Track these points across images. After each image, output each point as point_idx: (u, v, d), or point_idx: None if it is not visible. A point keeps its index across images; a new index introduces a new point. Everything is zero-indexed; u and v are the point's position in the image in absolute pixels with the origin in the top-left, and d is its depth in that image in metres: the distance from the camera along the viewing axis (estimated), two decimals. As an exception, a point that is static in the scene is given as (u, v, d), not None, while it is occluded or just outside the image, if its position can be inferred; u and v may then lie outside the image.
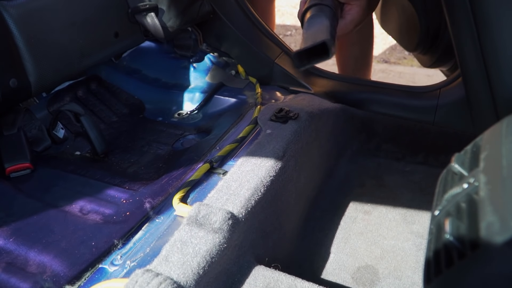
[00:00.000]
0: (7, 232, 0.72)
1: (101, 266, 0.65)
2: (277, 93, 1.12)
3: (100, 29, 1.09)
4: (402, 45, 1.24)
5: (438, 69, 1.23)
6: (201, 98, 1.19)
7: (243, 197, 0.68)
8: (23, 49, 0.91)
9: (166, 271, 0.55)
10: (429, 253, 0.38)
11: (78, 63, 1.05)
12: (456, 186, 0.40)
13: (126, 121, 1.18)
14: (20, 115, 0.95)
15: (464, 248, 0.34)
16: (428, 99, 0.96)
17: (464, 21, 0.65)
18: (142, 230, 0.71)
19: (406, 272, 0.76)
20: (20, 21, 0.90)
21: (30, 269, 0.66)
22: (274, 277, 0.62)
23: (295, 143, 0.83)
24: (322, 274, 0.77)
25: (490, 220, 0.32)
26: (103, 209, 0.78)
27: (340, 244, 0.83)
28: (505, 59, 0.63)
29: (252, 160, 0.76)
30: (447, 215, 0.38)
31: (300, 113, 0.90)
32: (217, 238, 0.60)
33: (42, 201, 0.80)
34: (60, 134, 1.02)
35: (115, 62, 1.30)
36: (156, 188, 0.81)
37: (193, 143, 1.03)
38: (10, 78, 0.89)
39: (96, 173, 0.89)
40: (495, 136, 0.41)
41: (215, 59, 1.25)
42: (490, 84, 0.67)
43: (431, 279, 0.37)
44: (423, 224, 0.85)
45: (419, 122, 0.98)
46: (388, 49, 2.63)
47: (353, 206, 0.92)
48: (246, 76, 1.21)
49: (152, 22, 1.15)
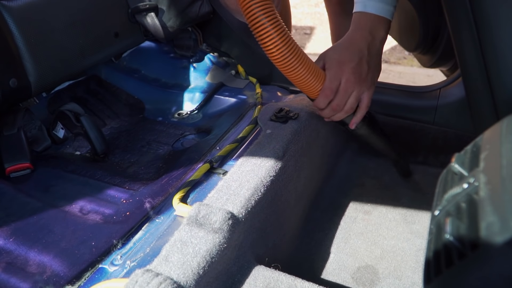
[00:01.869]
0: (7, 232, 0.72)
1: (101, 266, 0.65)
2: (277, 93, 1.12)
3: (100, 29, 1.09)
4: (402, 45, 1.24)
5: (438, 69, 1.23)
6: (201, 98, 1.19)
7: (243, 197, 0.68)
8: (23, 49, 0.91)
9: (166, 271, 0.55)
10: (429, 253, 0.38)
11: (78, 63, 1.05)
12: (456, 186, 0.40)
13: (126, 121, 1.18)
14: (20, 115, 0.95)
15: (464, 248, 0.34)
16: (428, 99, 0.96)
17: (464, 21, 0.65)
18: (142, 230, 0.71)
19: (406, 272, 0.76)
20: (20, 21, 0.90)
21: (30, 269, 0.66)
22: (274, 277, 0.62)
23: (295, 143, 0.83)
24: (322, 274, 0.77)
25: (490, 220, 0.32)
26: (103, 209, 0.78)
27: (340, 244, 0.83)
28: (505, 59, 0.63)
29: (252, 160, 0.76)
30: (447, 215, 0.38)
31: (300, 113, 0.90)
32: (217, 238, 0.60)
33: (42, 201, 0.80)
34: (60, 134, 1.02)
35: (115, 62, 1.31)
36: (156, 188, 0.81)
37: (193, 143, 1.03)
38: (10, 78, 0.89)
39: (96, 173, 0.89)
40: (495, 136, 0.41)
41: (215, 59, 1.25)
42: (490, 84, 0.67)
43: (431, 279, 0.37)
44: (423, 224, 0.85)
45: (419, 122, 0.98)
46: (388, 49, 2.63)
47: (353, 206, 0.92)
48: (246, 76, 1.21)
49: (152, 22, 1.15)
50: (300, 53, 0.69)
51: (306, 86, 0.75)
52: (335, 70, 0.76)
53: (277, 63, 0.69)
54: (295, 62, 0.68)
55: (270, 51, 0.67)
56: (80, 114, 0.98)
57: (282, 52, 0.66)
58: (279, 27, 0.65)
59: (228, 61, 1.26)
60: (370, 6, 0.78)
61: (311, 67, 0.72)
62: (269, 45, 0.66)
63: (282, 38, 0.66)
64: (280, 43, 0.66)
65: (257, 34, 0.66)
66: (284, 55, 0.67)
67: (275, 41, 0.65)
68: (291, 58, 0.67)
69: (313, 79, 0.73)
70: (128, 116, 1.20)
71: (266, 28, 0.64)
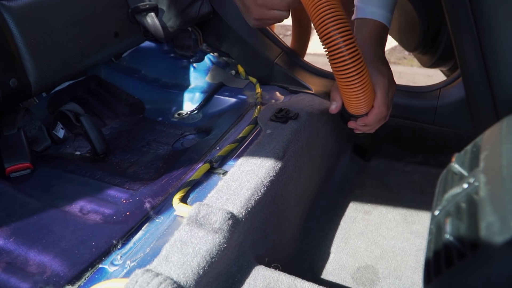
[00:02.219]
0: (7, 232, 0.72)
1: (101, 266, 0.65)
2: (277, 93, 1.12)
3: (100, 29, 1.09)
4: (402, 45, 1.24)
5: (438, 69, 1.23)
6: (201, 98, 1.19)
7: (243, 197, 0.68)
8: (23, 49, 0.91)
9: (166, 271, 0.55)
10: (429, 253, 0.38)
11: (78, 63, 1.05)
12: (456, 186, 0.40)
13: (126, 121, 1.18)
14: (20, 115, 0.95)
15: (464, 248, 0.34)
16: (428, 99, 0.96)
17: (464, 21, 0.65)
18: (142, 230, 0.71)
19: (406, 272, 0.76)
20: (20, 21, 0.90)
21: (30, 269, 0.66)
22: (274, 277, 0.62)
23: (295, 143, 0.83)
24: (322, 274, 0.77)
25: (490, 220, 0.32)
26: (103, 209, 0.78)
27: (340, 244, 0.83)
28: (505, 59, 0.63)
29: (252, 160, 0.76)
30: (447, 215, 0.38)
31: (300, 113, 0.90)
32: (217, 238, 0.60)
33: (42, 201, 0.80)
34: (60, 134, 1.02)
35: (115, 62, 1.30)
36: (156, 188, 0.81)
37: (193, 143, 1.03)
38: (10, 78, 0.89)
39: (96, 173, 0.89)
40: (495, 136, 0.41)
41: (215, 59, 1.25)
42: (490, 84, 0.67)
43: (431, 279, 0.37)
44: (423, 224, 0.85)
45: (419, 122, 0.98)
46: (388, 49, 2.63)
47: (353, 206, 0.92)
48: (246, 76, 1.21)
49: (152, 22, 1.15)
50: (366, 72, 0.67)
51: (361, 105, 0.71)
52: (382, 84, 0.74)
53: (342, 82, 0.67)
54: (360, 83, 0.67)
55: (343, 79, 0.66)
56: (80, 114, 0.98)
57: (353, 78, 0.65)
58: (353, 49, 0.63)
59: (228, 61, 1.27)
60: (378, 14, 0.78)
61: (371, 85, 0.70)
62: (343, 72, 0.65)
63: (355, 64, 0.64)
64: (353, 70, 0.64)
65: (333, 59, 0.64)
66: (352, 76, 0.65)
67: (349, 69, 0.64)
68: (357, 78, 0.66)
69: (371, 98, 0.71)
70: (128, 116, 1.20)
71: (342, 54, 0.62)
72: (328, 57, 0.65)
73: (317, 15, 0.62)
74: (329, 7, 0.62)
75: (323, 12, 0.61)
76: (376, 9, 0.77)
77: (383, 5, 0.78)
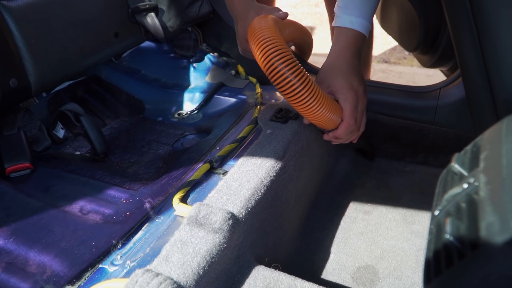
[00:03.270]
0: (7, 232, 0.72)
1: (101, 266, 0.65)
2: (277, 93, 1.12)
3: (100, 29, 1.09)
4: (402, 45, 1.24)
5: (438, 69, 1.22)
6: (201, 98, 1.19)
7: (243, 197, 0.68)
8: (23, 49, 0.91)
9: (166, 271, 0.55)
10: (429, 253, 0.38)
11: (78, 63, 1.05)
12: (456, 186, 0.40)
13: (126, 121, 1.18)
14: (20, 115, 0.95)
15: (464, 248, 0.34)
16: (428, 99, 0.96)
17: (464, 21, 0.65)
18: (142, 230, 0.71)
19: (406, 272, 0.76)
20: (20, 21, 0.90)
21: (30, 269, 0.66)
22: (274, 277, 0.62)
23: (295, 143, 0.83)
24: (322, 274, 0.77)
25: (490, 220, 0.32)
26: (103, 209, 0.78)
27: (340, 244, 0.83)
28: (505, 59, 0.63)
29: (252, 160, 0.76)
30: (447, 215, 0.38)
31: (300, 113, 0.90)
32: (217, 238, 0.60)
33: (42, 201, 0.80)
34: (60, 134, 1.02)
35: (115, 62, 1.31)
36: (156, 188, 0.81)
37: (193, 143, 1.03)
38: (10, 78, 0.89)
39: (96, 173, 0.89)
40: (495, 136, 0.41)
41: (215, 59, 1.25)
42: (490, 84, 0.67)
43: (431, 279, 0.37)
44: (423, 224, 0.85)
45: (419, 122, 0.98)
46: (388, 49, 2.63)
47: (353, 206, 0.92)
48: (246, 76, 1.21)
49: (152, 22, 1.15)
50: (320, 94, 0.68)
51: (324, 123, 0.74)
52: (351, 99, 0.75)
53: (298, 108, 0.69)
54: (316, 106, 0.68)
55: (292, 100, 0.67)
56: (80, 114, 0.98)
57: (303, 99, 0.67)
58: (297, 72, 0.65)
59: (228, 61, 1.26)
60: (356, 23, 0.78)
61: (329, 104, 0.71)
62: (290, 95, 0.66)
63: (303, 85, 0.65)
64: (301, 90, 0.66)
65: (277, 83, 0.66)
66: (306, 102, 0.67)
67: (295, 90, 0.65)
68: (311, 102, 0.67)
69: (333, 115, 0.72)
70: (128, 116, 1.20)
71: (287, 78, 0.64)
72: (278, 88, 0.67)
73: (260, 51, 0.65)
74: (270, 41, 0.64)
75: (266, 47, 0.64)
76: (355, 18, 0.78)
77: (361, 15, 0.78)
